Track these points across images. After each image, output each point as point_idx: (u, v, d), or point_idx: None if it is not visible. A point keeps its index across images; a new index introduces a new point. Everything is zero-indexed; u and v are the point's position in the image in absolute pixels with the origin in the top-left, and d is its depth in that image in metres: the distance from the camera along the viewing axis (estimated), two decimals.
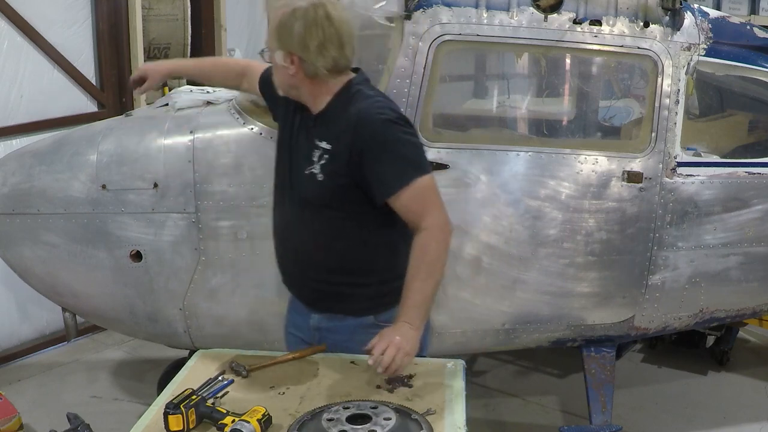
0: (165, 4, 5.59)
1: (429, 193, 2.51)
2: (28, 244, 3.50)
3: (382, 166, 2.46)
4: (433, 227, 2.48)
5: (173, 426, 2.15)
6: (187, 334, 3.54)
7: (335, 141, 2.50)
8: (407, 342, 2.39)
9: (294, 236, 2.66)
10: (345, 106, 2.51)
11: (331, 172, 2.50)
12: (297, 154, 2.60)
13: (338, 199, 2.54)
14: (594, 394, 3.66)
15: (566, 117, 3.76)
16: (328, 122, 2.53)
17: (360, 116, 2.47)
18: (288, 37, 2.44)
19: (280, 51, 2.47)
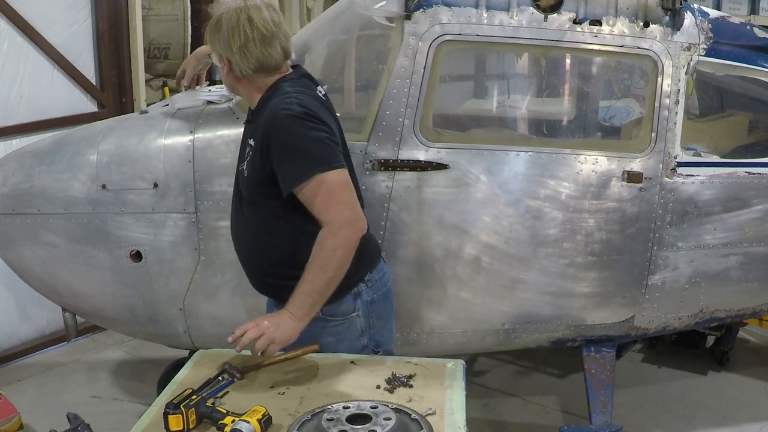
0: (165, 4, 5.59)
1: (332, 189, 2.52)
2: (28, 244, 3.50)
3: (282, 161, 2.53)
4: (333, 223, 2.51)
5: (173, 426, 2.15)
6: (187, 334, 3.54)
7: (257, 138, 2.61)
8: (277, 329, 2.46)
9: (238, 232, 2.80)
10: (266, 104, 2.63)
11: (252, 168, 2.62)
12: (240, 153, 2.76)
13: (262, 195, 2.63)
14: (594, 394, 3.66)
15: (566, 117, 3.76)
16: (255, 120, 2.67)
17: (269, 112, 2.58)
18: (217, 41, 2.63)
19: (214, 53, 2.68)
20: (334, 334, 2.72)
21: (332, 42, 3.71)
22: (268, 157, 2.55)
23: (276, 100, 2.59)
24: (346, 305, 2.72)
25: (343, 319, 2.73)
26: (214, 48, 2.66)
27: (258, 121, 2.63)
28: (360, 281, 2.73)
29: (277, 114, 2.54)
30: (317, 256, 2.51)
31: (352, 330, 2.75)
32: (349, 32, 3.64)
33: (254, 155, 2.61)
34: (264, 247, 2.71)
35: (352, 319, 2.74)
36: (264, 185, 2.60)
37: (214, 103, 3.65)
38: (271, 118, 2.55)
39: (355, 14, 3.54)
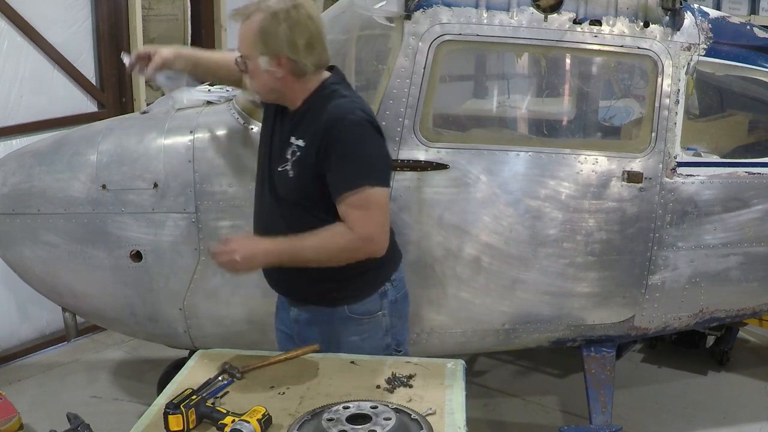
0: (165, 4, 5.59)
1: (372, 205, 2.53)
2: (28, 244, 3.50)
3: (340, 166, 2.51)
4: (358, 234, 2.52)
5: (173, 426, 2.15)
6: (187, 334, 3.54)
7: (308, 138, 2.55)
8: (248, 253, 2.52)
9: (271, 233, 2.68)
10: (321, 105, 2.57)
11: (300, 169, 2.56)
12: (274, 153, 2.66)
13: (308, 196, 2.59)
14: (594, 394, 3.66)
15: (566, 117, 3.76)
16: (303, 120, 2.59)
17: (332, 115, 2.52)
18: (274, 41, 2.50)
19: (264, 56, 2.52)
20: (360, 332, 2.73)
21: (332, 42, 3.69)
22: (325, 159, 2.50)
23: (337, 103, 2.55)
24: (373, 304, 2.73)
25: (370, 317, 2.73)
26: (267, 50, 2.51)
27: (305, 121, 2.57)
28: (386, 281, 2.74)
29: (343, 118, 2.51)
30: (326, 241, 2.53)
31: (378, 329, 2.76)
32: (349, 32, 3.64)
33: (305, 156, 2.54)
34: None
35: (378, 318, 2.75)
36: (312, 187, 2.55)
37: (214, 103, 3.65)
38: (336, 121, 2.51)
39: (355, 14, 3.54)
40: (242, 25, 2.54)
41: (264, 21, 2.49)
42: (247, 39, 2.54)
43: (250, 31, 2.51)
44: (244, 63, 2.58)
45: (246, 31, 2.53)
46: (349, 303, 2.70)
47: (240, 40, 2.57)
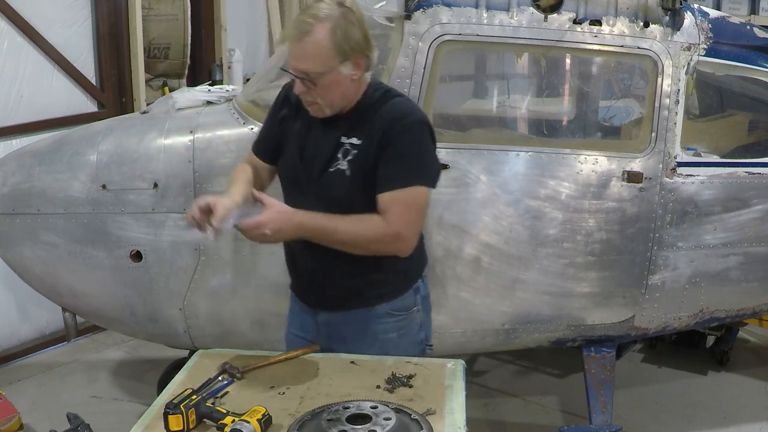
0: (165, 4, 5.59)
1: (414, 204, 2.52)
2: (28, 244, 3.50)
3: (394, 162, 2.49)
4: (394, 228, 2.49)
5: (173, 426, 2.15)
6: (187, 334, 3.54)
7: (366, 137, 2.52)
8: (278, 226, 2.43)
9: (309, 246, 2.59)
10: (376, 104, 2.54)
11: (359, 167, 2.52)
12: (316, 155, 2.58)
13: (365, 194, 2.54)
14: (594, 394, 3.66)
15: (566, 117, 3.76)
16: (358, 120, 2.54)
17: (394, 112, 2.51)
18: (353, 44, 2.44)
19: (346, 62, 2.45)
20: (398, 329, 2.72)
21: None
22: (381, 153, 2.49)
23: (397, 101, 2.55)
24: (409, 300, 2.73)
25: (407, 313, 2.73)
26: (349, 55, 2.43)
27: (361, 120, 2.53)
28: (419, 277, 2.76)
29: (405, 116, 2.51)
30: (360, 228, 2.50)
31: (413, 324, 2.76)
32: None
33: (362, 154, 2.51)
34: (360, 259, 2.60)
35: (414, 313, 2.75)
36: (369, 185, 2.52)
37: (214, 103, 3.65)
38: (398, 118, 2.50)
39: None
40: (303, 43, 2.40)
41: (335, 29, 2.40)
42: (318, 54, 2.41)
43: (321, 45, 2.40)
44: (312, 82, 2.45)
45: (314, 47, 2.40)
46: (388, 300, 2.69)
47: (305, 59, 2.42)
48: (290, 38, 2.44)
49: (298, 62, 2.44)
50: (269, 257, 3.40)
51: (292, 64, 2.45)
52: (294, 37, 2.42)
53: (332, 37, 2.39)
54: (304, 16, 2.42)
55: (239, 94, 3.68)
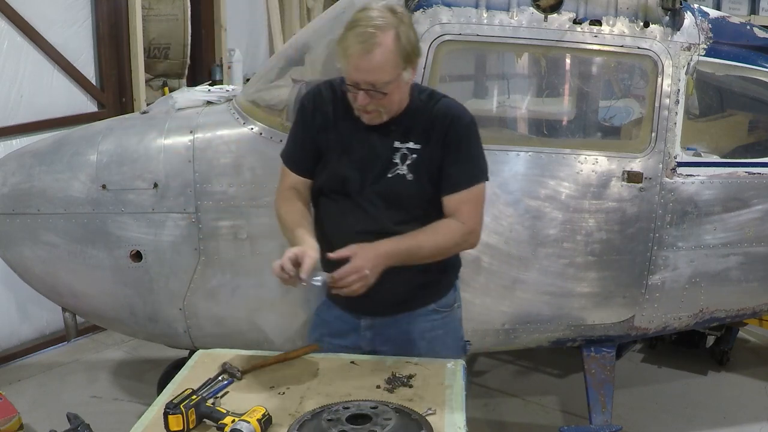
0: (165, 4, 5.59)
1: (481, 199, 2.63)
2: (28, 244, 3.50)
3: (458, 163, 2.55)
4: (469, 227, 2.58)
5: (173, 426, 2.15)
6: (187, 334, 3.54)
7: (425, 140, 2.55)
8: (373, 264, 2.43)
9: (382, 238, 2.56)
10: (425, 106, 2.57)
11: (420, 170, 2.55)
12: (370, 161, 2.57)
13: (427, 197, 2.59)
14: (594, 394, 3.66)
15: (566, 117, 3.76)
16: (411, 124, 2.56)
17: (451, 113, 2.56)
18: (413, 47, 2.47)
19: (408, 68, 2.47)
20: (444, 325, 2.75)
21: (332, 42, 3.70)
22: (444, 155, 2.54)
23: (449, 102, 2.59)
24: (452, 296, 2.79)
25: (450, 310, 2.78)
26: (410, 61, 2.46)
27: (414, 124, 2.55)
28: (457, 273, 2.81)
29: (462, 116, 2.57)
30: (443, 238, 2.56)
31: (456, 321, 2.81)
32: None
33: (423, 158, 2.54)
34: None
35: (455, 309, 2.81)
36: (429, 185, 2.57)
37: (214, 103, 3.65)
38: (457, 119, 2.55)
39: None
40: (371, 56, 2.38)
41: (398, 36, 2.41)
42: (387, 64, 2.40)
43: (389, 55, 2.40)
44: (380, 92, 2.44)
45: (383, 58, 2.39)
46: (435, 299, 2.74)
47: (374, 71, 2.40)
48: (354, 53, 2.39)
49: (366, 75, 2.41)
50: (269, 257, 3.39)
51: (357, 77, 2.42)
52: (359, 51, 2.38)
53: (398, 44, 2.41)
54: (363, 28, 2.39)
55: (239, 94, 3.68)
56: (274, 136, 3.37)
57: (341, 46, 2.42)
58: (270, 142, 3.37)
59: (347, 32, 2.42)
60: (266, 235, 3.37)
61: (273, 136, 3.37)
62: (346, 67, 2.44)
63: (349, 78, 2.45)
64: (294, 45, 3.86)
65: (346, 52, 2.40)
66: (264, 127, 3.40)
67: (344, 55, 2.41)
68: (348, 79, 2.46)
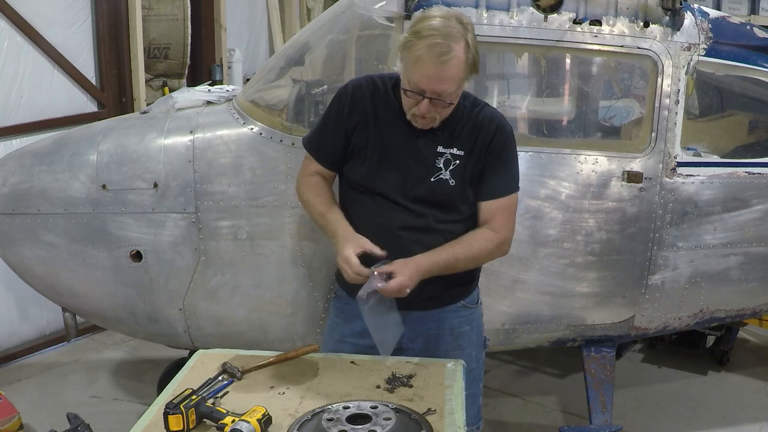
0: (165, 4, 5.59)
1: (514, 208, 2.71)
2: (28, 244, 3.50)
3: (498, 171, 2.63)
4: (503, 236, 2.68)
5: (173, 426, 2.15)
6: (187, 334, 3.54)
7: (469, 147, 2.60)
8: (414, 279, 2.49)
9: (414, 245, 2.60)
10: (470, 113, 2.62)
11: (464, 176, 2.61)
12: (412, 164, 2.61)
13: (469, 200, 2.65)
14: (594, 394, 3.66)
15: (566, 117, 3.76)
16: (454, 128, 2.60)
17: (496, 122, 2.63)
18: (477, 58, 2.52)
19: (471, 76, 2.54)
20: (470, 322, 2.81)
21: (332, 42, 3.71)
22: (485, 162, 2.61)
23: (493, 112, 2.65)
24: (477, 293, 2.86)
25: (475, 306, 2.85)
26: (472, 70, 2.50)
27: (457, 130, 2.60)
28: (480, 271, 2.87)
29: (505, 126, 2.65)
30: (479, 249, 2.63)
31: (479, 317, 2.87)
32: (349, 32, 3.64)
33: (466, 164, 2.60)
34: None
35: (479, 306, 2.88)
36: (469, 189, 2.63)
37: (214, 103, 3.65)
38: (501, 128, 2.62)
39: (355, 14, 3.54)
40: (446, 66, 2.41)
41: (468, 47, 2.45)
42: (458, 74, 2.45)
43: (461, 66, 2.45)
44: (446, 100, 2.49)
45: (456, 69, 2.44)
46: (464, 297, 2.80)
47: (446, 81, 2.44)
48: (427, 63, 2.40)
49: (438, 84, 2.45)
50: (269, 257, 3.40)
51: (425, 86, 2.45)
52: (434, 61, 2.40)
53: (467, 55, 2.46)
54: (438, 38, 2.39)
55: (239, 94, 3.68)
56: (274, 136, 3.37)
57: (411, 54, 2.42)
58: (270, 142, 3.37)
59: (418, 41, 2.41)
60: (266, 235, 3.37)
61: (273, 136, 3.37)
62: (413, 75, 2.45)
63: (414, 85, 2.46)
64: (294, 45, 3.86)
65: (419, 61, 2.42)
66: (264, 127, 3.40)
67: (415, 63, 2.42)
68: (412, 86, 2.47)
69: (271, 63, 4.00)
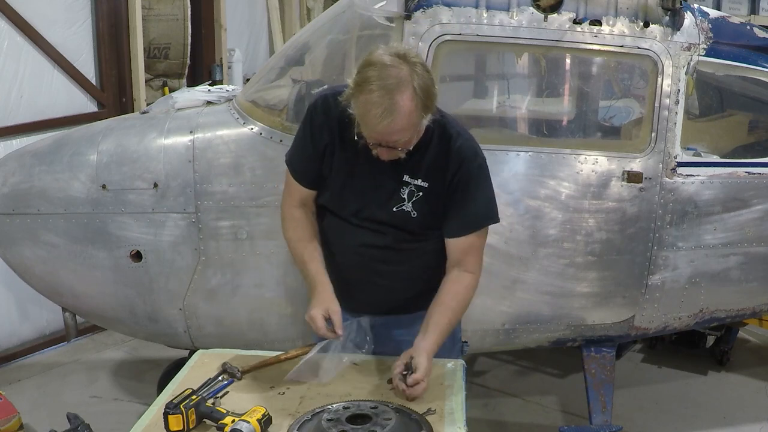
0: (165, 4, 5.59)
1: (482, 245, 2.65)
2: (28, 244, 3.50)
3: (470, 205, 2.55)
4: (476, 274, 2.62)
5: (173, 426, 2.16)
6: (187, 334, 3.54)
7: (434, 179, 2.52)
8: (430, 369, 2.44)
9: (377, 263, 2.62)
10: (439, 142, 2.51)
11: (425, 209, 2.54)
12: (375, 191, 2.56)
13: (430, 231, 2.60)
14: (594, 394, 3.66)
15: (566, 117, 3.76)
16: (420, 158, 2.51)
17: (463, 156, 2.52)
18: (431, 94, 2.37)
19: (427, 114, 2.40)
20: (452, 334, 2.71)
21: (332, 42, 3.71)
22: (452, 195, 2.53)
23: (458, 142, 2.52)
24: None
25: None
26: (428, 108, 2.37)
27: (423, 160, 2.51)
28: None
29: (473, 158, 2.54)
30: (462, 300, 2.60)
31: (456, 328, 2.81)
32: (349, 32, 3.64)
33: (430, 197, 2.52)
34: (416, 279, 2.67)
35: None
36: (435, 220, 2.57)
37: (214, 103, 3.65)
38: (468, 161, 2.52)
39: (355, 14, 3.54)
40: (393, 121, 2.29)
41: (415, 91, 2.30)
42: (409, 122, 2.33)
43: (410, 115, 2.31)
44: (403, 145, 2.41)
45: (405, 120, 2.31)
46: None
47: (397, 133, 2.34)
48: (372, 121, 2.30)
49: (389, 137, 2.36)
50: (269, 257, 3.40)
51: (377, 139, 2.37)
52: (378, 119, 2.28)
53: (416, 101, 2.31)
54: (379, 93, 2.26)
55: (239, 94, 3.68)
56: (274, 136, 3.37)
57: (357, 109, 2.33)
58: (270, 142, 3.37)
59: (360, 94, 2.29)
60: (266, 235, 3.37)
61: (273, 136, 3.37)
62: (363, 128, 2.36)
63: (369, 138, 2.39)
64: (294, 45, 3.86)
65: (364, 118, 2.32)
66: (264, 127, 3.40)
67: (362, 119, 2.33)
68: (368, 138, 2.39)
69: (271, 63, 4.01)
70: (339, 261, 2.66)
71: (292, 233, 2.69)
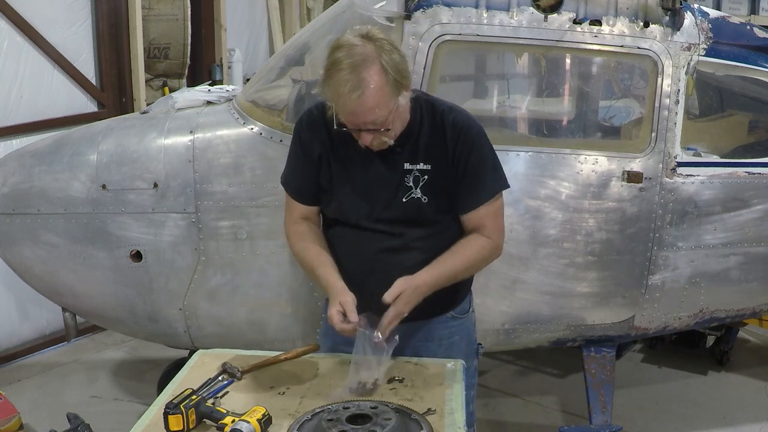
0: (165, 4, 5.60)
1: (501, 210, 2.60)
2: (28, 244, 3.50)
3: (477, 176, 2.50)
4: (495, 240, 2.58)
5: (173, 426, 2.15)
6: (187, 334, 3.54)
7: (435, 160, 2.48)
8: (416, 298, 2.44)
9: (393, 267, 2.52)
10: (429, 119, 2.49)
11: (434, 191, 2.50)
12: (380, 187, 2.52)
13: (445, 215, 2.55)
14: (594, 394, 3.66)
15: (566, 117, 3.76)
16: (416, 141, 2.49)
17: (459, 128, 2.48)
18: (402, 70, 2.35)
19: (402, 92, 2.37)
20: (459, 331, 2.73)
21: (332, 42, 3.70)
22: (457, 170, 2.47)
23: (455, 115, 2.48)
24: (468, 301, 2.78)
25: (466, 315, 2.77)
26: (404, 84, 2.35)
27: (419, 143, 2.47)
28: (472, 279, 2.79)
29: (469, 128, 2.49)
30: (475, 257, 2.56)
31: (471, 325, 2.80)
32: None
33: (436, 178, 2.48)
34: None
35: (470, 314, 2.80)
36: (449, 203, 2.52)
37: (214, 103, 3.65)
38: (464, 132, 2.47)
39: (355, 14, 3.54)
40: (363, 99, 2.27)
41: (383, 67, 2.28)
42: (381, 100, 2.30)
43: (379, 92, 2.29)
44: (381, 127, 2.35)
45: (375, 97, 2.28)
46: (454, 307, 2.71)
47: (370, 112, 2.31)
48: (344, 100, 2.29)
49: (364, 117, 2.32)
50: (269, 257, 3.40)
51: (354, 121, 2.35)
52: (349, 97, 2.27)
53: (385, 76, 2.29)
54: (346, 72, 2.26)
55: (239, 94, 3.68)
56: (274, 136, 3.37)
57: (329, 93, 2.32)
58: (270, 142, 3.37)
59: (330, 77, 2.29)
60: (266, 235, 3.37)
61: (273, 136, 3.38)
62: (339, 113, 2.36)
63: (346, 122, 2.37)
64: (294, 45, 3.86)
65: (337, 100, 2.31)
66: (264, 127, 3.40)
67: (335, 101, 2.32)
68: (346, 123, 2.38)
69: (271, 63, 4.01)
70: (355, 272, 2.57)
71: (298, 244, 2.64)
